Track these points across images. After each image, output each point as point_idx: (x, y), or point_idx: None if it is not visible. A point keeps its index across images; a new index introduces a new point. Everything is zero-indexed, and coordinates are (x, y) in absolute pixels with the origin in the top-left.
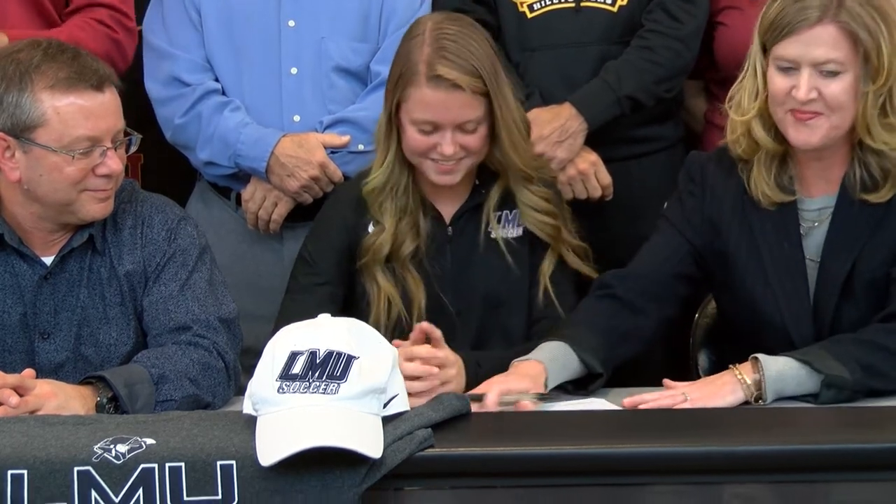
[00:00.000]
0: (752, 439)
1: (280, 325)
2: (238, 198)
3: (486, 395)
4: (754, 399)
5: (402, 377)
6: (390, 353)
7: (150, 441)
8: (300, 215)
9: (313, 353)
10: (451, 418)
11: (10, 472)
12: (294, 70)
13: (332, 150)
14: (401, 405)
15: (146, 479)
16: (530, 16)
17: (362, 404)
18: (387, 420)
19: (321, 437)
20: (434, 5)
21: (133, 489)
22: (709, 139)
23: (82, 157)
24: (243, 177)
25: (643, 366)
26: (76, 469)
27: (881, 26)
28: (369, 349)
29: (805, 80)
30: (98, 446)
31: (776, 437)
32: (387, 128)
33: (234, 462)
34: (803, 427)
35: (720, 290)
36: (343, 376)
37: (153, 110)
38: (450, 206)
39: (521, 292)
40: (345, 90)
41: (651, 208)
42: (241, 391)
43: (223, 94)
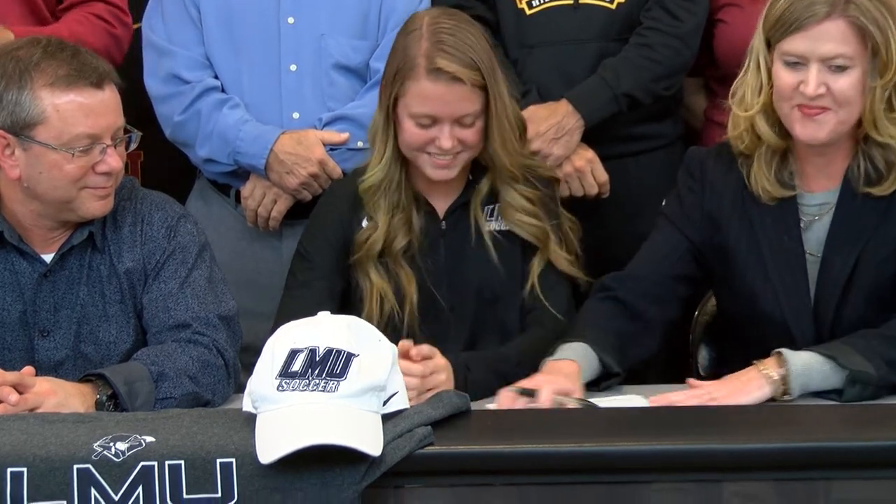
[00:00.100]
0: (752, 437)
1: (280, 321)
2: (237, 195)
3: (538, 392)
4: (781, 394)
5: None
6: (390, 350)
7: (149, 439)
8: (299, 212)
9: (313, 351)
10: (451, 416)
11: (9, 470)
12: (293, 67)
13: (332, 147)
14: (400, 403)
15: (146, 477)
16: (529, 12)
17: (362, 402)
18: (386, 418)
19: (321, 435)
20: (432, 2)
21: (133, 487)
22: (709, 136)
23: (82, 154)
24: (243, 174)
25: (642, 363)
26: (76, 467)
27: (889, 21)
28: (369, 347)
29: (814, 75)
30: (98, 444)
31: (777, 435)
32: (384, 124)
33: (233, 460)
34: (804, 425)
35: (720, 286)
36: (343, 374)
37: (153, 108)
38: (443, 200)
39: (515, 287)
40: (344, 87)
41: (649, 206)
42: (240, 389)
43: (222, 91)
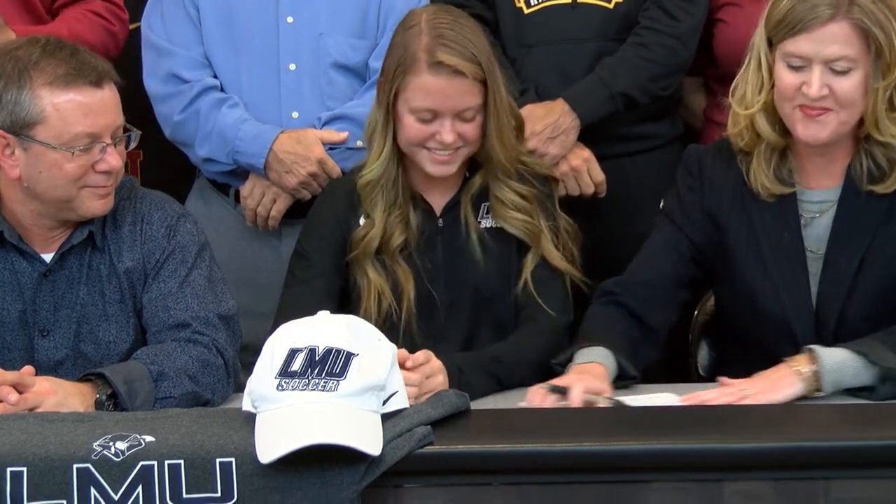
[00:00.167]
0: (752, 437)
1: (279, 320)
2: (237, 194)
3: (570, 389)
4: (813, 391)
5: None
6: (389, 350)
7: (149, 438)
8: (299, 212)
9: (312, 351)
10: (451, 416)
11: (9, 470)
12: (292, 66)
13: (331, 147)
14: (400, 402)
15: (145, 477)
16: (527, 11)
17: (361, 401)
18: (386, 417)
19: (320, 435)
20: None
21: (132, 486)
22: (708, 136)
23: (82, 153)
24: (242, 173)
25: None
26: (75, 466)
27: (892, 22)
28: (368, 346)
29: (817, 77)
30: (97, 443)
31: (777, 435)
32: (383, 120)
33: (233, 459)
34: (804, 424)
35: (720, 284)
36: (342, 373)
37: (152, 107)
38: (440, 198)
39: (511, 284)
40: (343, 86)
41: (648, 206)
42: (240, 388)
43: (222, 90)
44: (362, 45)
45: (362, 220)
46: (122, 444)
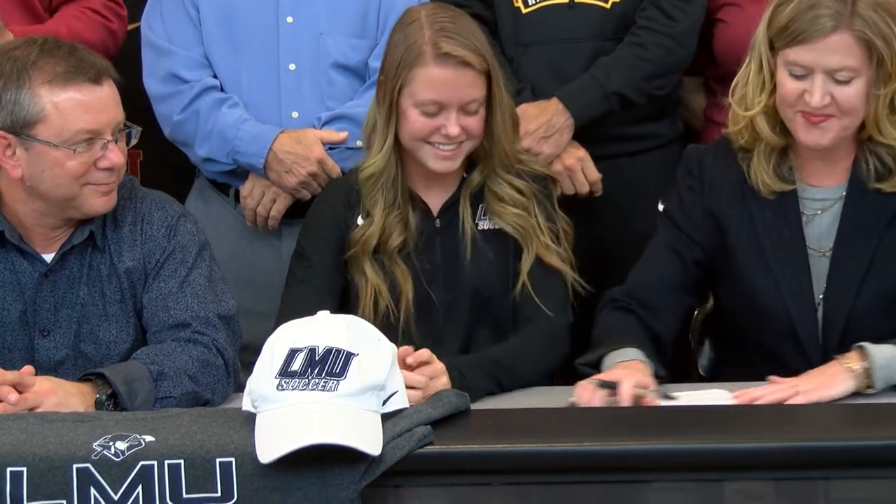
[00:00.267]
0: (752, 436)
1: (281, 320)
2: (237, 194)
3: (620, 384)
4: (865, 388)
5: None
6: (389, 349)
7: (149, 438)
8: (299, 212)
9: (312, 350)
10: (451, 416)
11: (9, 470)
12: (292, 66)
13: (331, 147)
14: (400, 402)
15: (145, 477)
16: (525, 11)
17: (361, 401)
18: (386, 417)
19: (320, 435)
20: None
21: (132, 486)
22: (708, 136)
23: (83, 151)
24: (242, 173)
25: None
26: (75, 466)
27: (894, 30)
28: (368, 346)
29: (819, 86)
30: (97, 443)
31: (777, 435)
32: (385, 116)
33: (233, 459)
34: (804, 424)
35: (720, 283)
36: (342, 373)
37: (152, 107)
38: (437, 198)
39: (509, 283)
40: (343, 86)
41: (647, 206)
42: (240, 388)
43: (221, 90)
44: (362, 44)
45: (360, 220)
46: (122, 444)
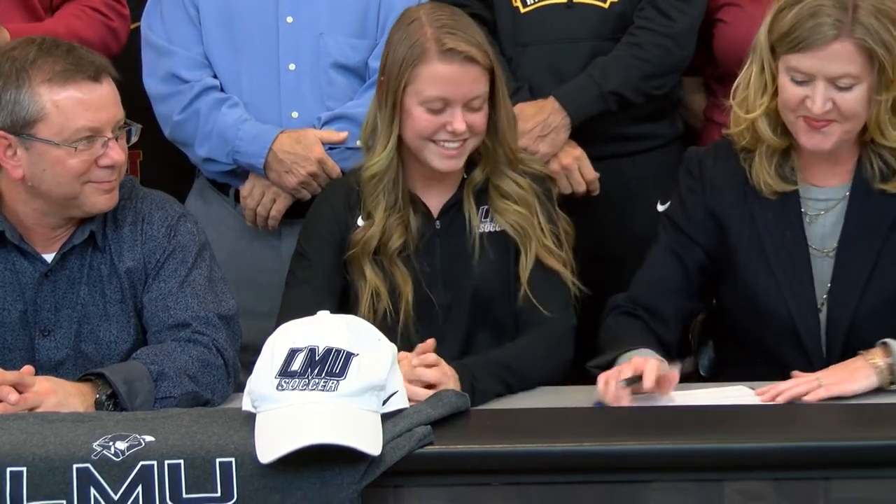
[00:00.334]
0: (752, 436)
1: (281, 320)
2: (237, 194)
3: (644, 369)
4: (888, 384)
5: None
6: (389, 349)
7: (149, 438)
8: (298, 212)
9: (312, 350)
10: (451, 416)
11: (8, 470)
12: (292, 66)
13: (330, 147)
14: (400, 402)
15: (145, 477)
16: (523, 11)
17: (361, 401)
18: (386, 417)
19: (320, 435)
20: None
21: (132, 486)
22: (708, 136)
23: (84, 148)
24: (242, 173)
25: None
26: (75, 466)
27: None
28: (368, 346)
29: (820, 93)
30: (97, 443)
31: (777, 435)
32: (389, 116)
33: (233, 459)
34: (804, 424)
35: (722, 284)
36: (342, 373)
37: (152, 107)
38: (437, 199)
39: (510, 285)
40: (343, 86)
41: (647, 206)
42: (240, 388)
43: (221, 90)
44: (362, 44)
45: (360, 221)
46: (121, 444)
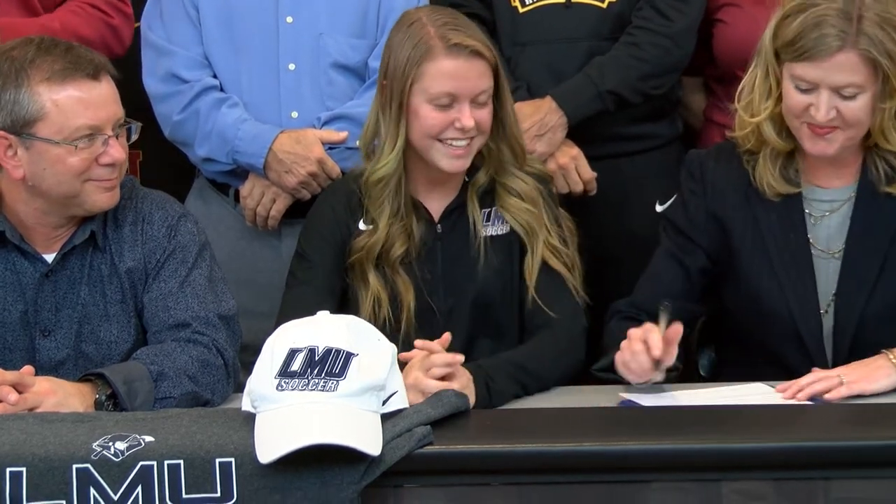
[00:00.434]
0: (752, 437)
1: (281, 320)
2: (237, 194)
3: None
4: None
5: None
6: (389, 350)
7: (148, 438)
8: (298, 212)
9: (312, 351)
10: (451, 416)
11: (8, 470)
12: (292, 66)
13: (330, 147)
14: (400, 402)
15: (145, 477)
16: (522, 11)
17: (361, 401)
18: (386, 417)
19: (320, 435)
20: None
21: (132, 487)
22: (708, 136)
23: (84, 147)
24: (242, 173)
25: None
26: (75, 466)
27: None
28: (368, 346)
29: (824, 101)
30: (97, 444)
31: (777, 435)
32: (395, 117)
33: (232, 459)
34: (804, 424)
35: (724, 286)
36: (342, 373)
37: (152, 107)
38: (438, 203)
39: (512, 289)
40: (343, 86)
41: (646, 206)
42: (240, 388)
43: (221, 90)
44: (362, 44)
45: (362, 224)
46: (121, 445)
